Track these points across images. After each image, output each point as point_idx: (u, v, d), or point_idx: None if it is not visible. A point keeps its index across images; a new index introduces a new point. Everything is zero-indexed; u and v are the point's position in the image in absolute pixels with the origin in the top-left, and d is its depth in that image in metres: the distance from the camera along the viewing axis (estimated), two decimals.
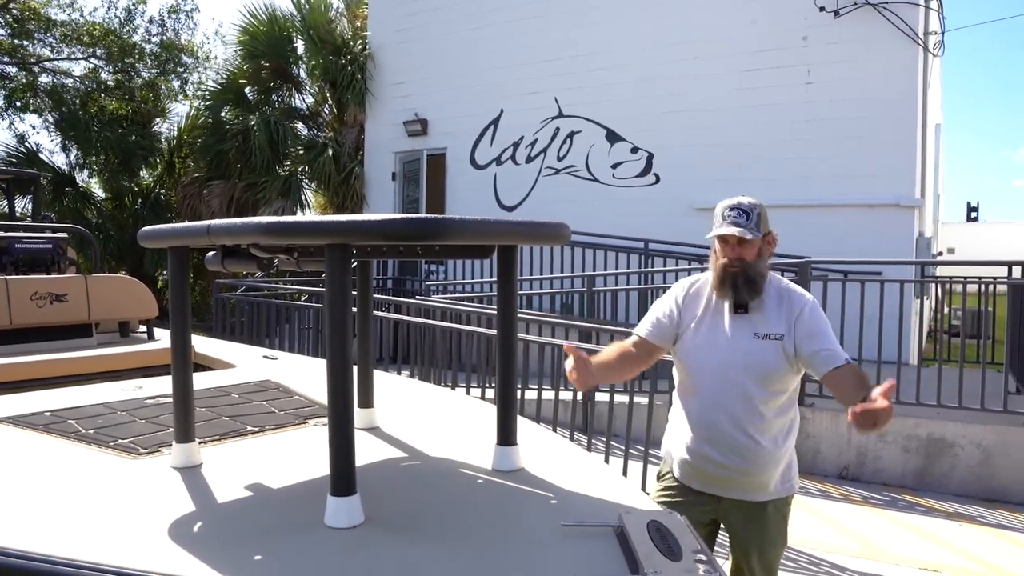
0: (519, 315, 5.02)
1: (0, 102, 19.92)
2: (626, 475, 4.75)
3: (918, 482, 5.74)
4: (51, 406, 2.18)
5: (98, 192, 19.23)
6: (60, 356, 3.10)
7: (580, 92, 11.10)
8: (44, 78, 20.29)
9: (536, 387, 5.31)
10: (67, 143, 18.30)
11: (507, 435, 1.74)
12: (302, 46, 14.64)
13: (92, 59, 20.25)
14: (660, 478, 2.74)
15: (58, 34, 19.92)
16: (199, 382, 2.38)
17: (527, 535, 1.42)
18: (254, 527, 1.42)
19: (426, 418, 2.32)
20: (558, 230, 1.71)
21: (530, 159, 11.61)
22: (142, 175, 18.99)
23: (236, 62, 15.55)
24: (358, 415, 1.99)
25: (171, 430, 1.76)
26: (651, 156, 10.53)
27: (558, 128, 11.37)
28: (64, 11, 20.15)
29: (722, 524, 2.69)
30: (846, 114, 9.18)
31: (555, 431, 4.69)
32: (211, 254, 1.76)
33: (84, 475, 1.68)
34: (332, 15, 14.59)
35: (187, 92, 20.82)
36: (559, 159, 11.37)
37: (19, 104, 19.92)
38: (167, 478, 1.65)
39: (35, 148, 17.92)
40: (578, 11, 11.09)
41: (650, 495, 2.48)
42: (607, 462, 4.98)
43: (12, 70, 19.92)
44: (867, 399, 2.12)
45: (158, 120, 19.70)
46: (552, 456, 1.92)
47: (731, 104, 9.89)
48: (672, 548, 1.28)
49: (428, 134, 12.65)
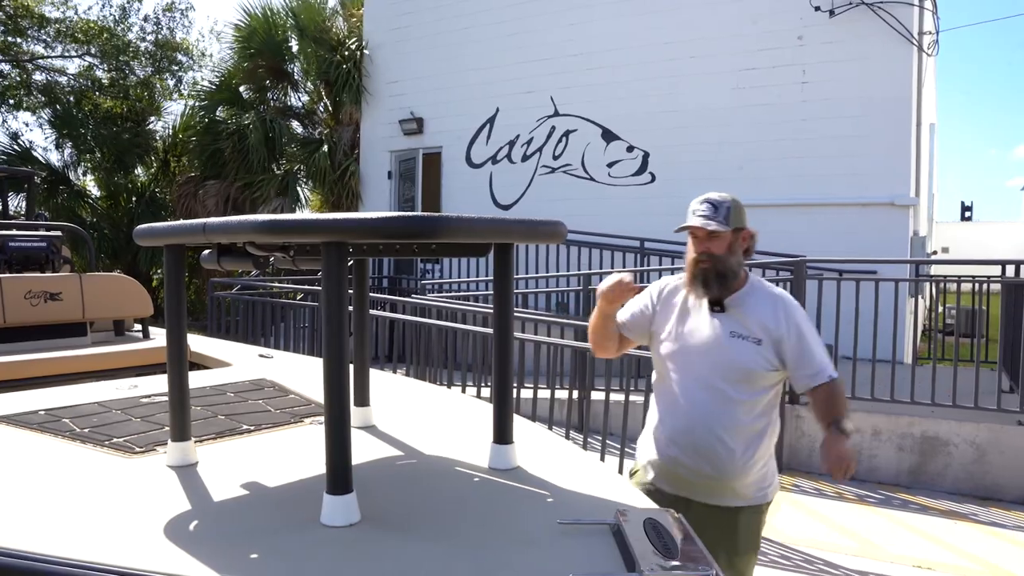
0: (515, 314, 5.03)
1: None
2: (622, 473, 4.75)
3: (912, 480, 5.76)
4: (46, 405, 2.17)
5: (93, 190, 19.19)
6: (55, 355, 3.09)
7: (576, 91, 11.10)
8: (38, 75, 20.22)
9: (532, 386, 5.31)
10: (61, 141, 18.24)
11: (503, 433, 1.74)
12: (297, 44, 14.61)
13: (86, 57, 20.19)
14: (631, 476, 2.69)
15: (52, 32, 19.84)
16: (194, 381, 2.38)
17: (523, 533, 1.42)
18: (250, 526, 1.41)
19: (422, 417, 2.32)
20: (555, 228, 1.71)
21: (526, 158, 11.61)
22: (137, 173, 18.94)
23: (231, 60, 15.50)
24: (354, 414, 1.99)
25: (166, 429, 1.75)
26: (647, 155, 10.54)
27: (554, 127, 11.37)
28: (58, 8, 20.10)
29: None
30: (841, 113, 9.20)
31: (551, 429, 4.70)
32: (207, 252, 1.76)
33: (79, 474, 1.67)
34: (328, 13, 14.56)
35: (182, 91, 20.79)
36: (555, 158, 11.37)
37: (12, 102, 19.84)
38: (163, 477, 1.65)
39: (29, 146, 17.87)
40: (574, 10, 11.08)
41: None
42: (603, 460, 4.99)
43: (5, 67, 19.85)
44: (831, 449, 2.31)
45: (153, 118, 19.66)
46: (548, 454, 1.92)
47: (726, 103, 9.90)
48: (668, 546, 1.28)
49: (424, 133, 12.64)
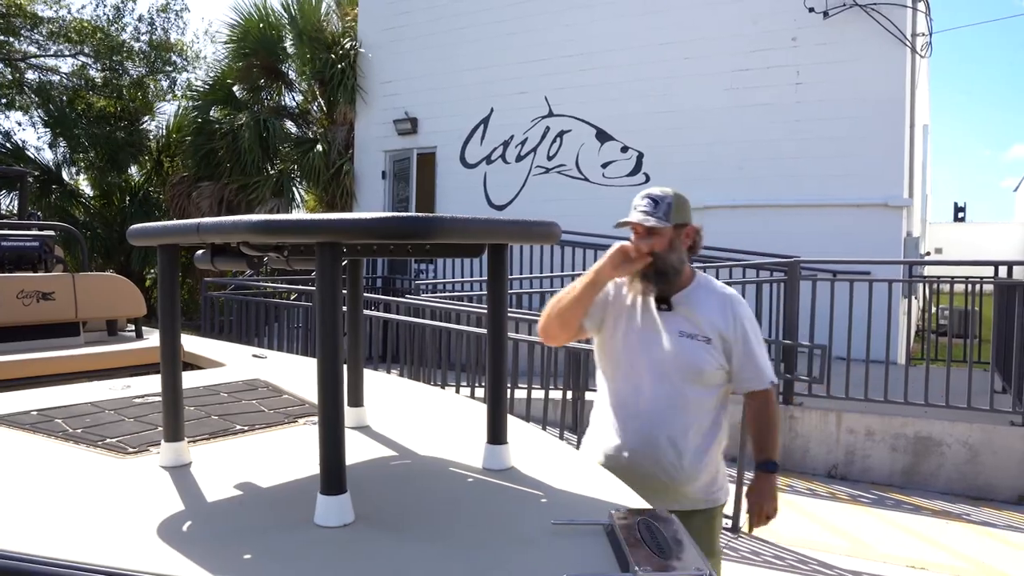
0: (509, 314, 5.03)
1: None
2: None
3: (905, 480, 5.77)
4: (38, 405, 2.16)
5: (86, 190, 19.13)
6: (47, 355, 3.08)
7: (570, 91, 11.11)
8: (30, 75, 20.15)
9: (526, 386, 5.31)
10: (54, 140, 18.18)
11: (497, 434, 1.74)
12: (292, 44, 14.59)
13: (80, 56, 20.12)
14: None
15: (45, 31, 19.77)
16: (188, 381, 2.37)
17: (517, 534, 1.42)
18: (244, 526, 1.41)
19: (416, 417, 2.32)
20: (549, 229, 1.71)
21: (520, 158, 11.62)
22: (130, 173, 18.90)
23: (225, 61, 15.49)
24: (348, 414, 1.99)
25: (160, 429, 1.75)
26: (641, 155, 10.55)
27: (548, 127, 11.38)
28: (51, 8, 20.03)
29: None
30: (835, 115, 9.22)
31: (545, 430, 4.70)
32: (200, 252, 1.75)
33: (72, 474, 1.67)
34: (322, 13, 14.54)
35: (176, 91, 20.74)
36: (549, 158, 11.38)
37: (4, 101, 19.77)
38: (156, 477, 1.64)
39: (21, 145, 17.80)
40: (568, 11, 11.10)
41: None
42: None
43: None
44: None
45: (146, 118, 19.62)
46: (542, 455, 1.92)
47: (721, 104, 9.92)
48: (662, 547, 1.28)
49: (418, 133, 12.63)
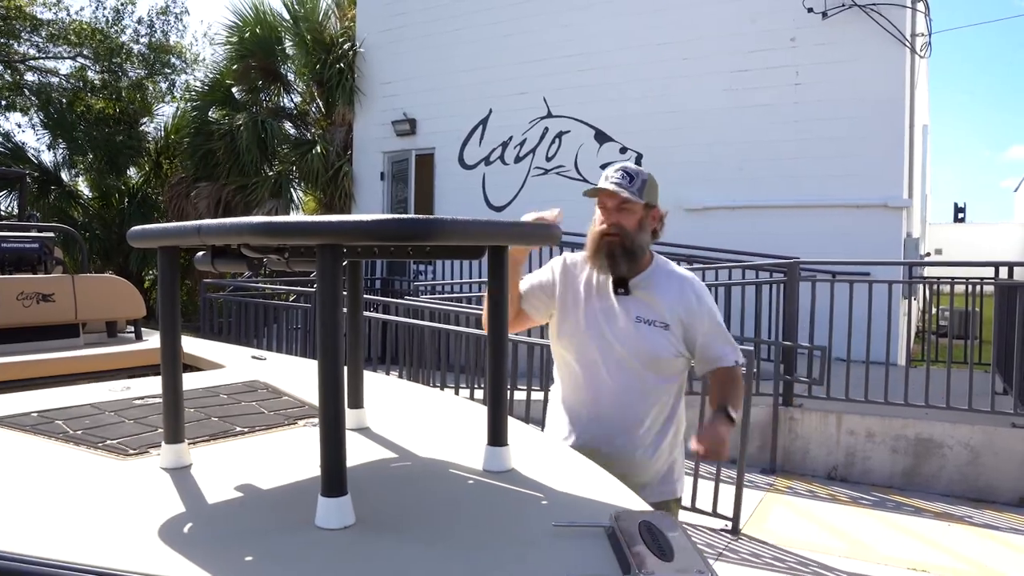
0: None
1: None
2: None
3: (906, 482, 5.77)
4: (38, 407, 2.16)
5: (84, 191, 19.12)
6: (47, 356, 3.07)
7: (569, 92, 11.12)
8: (30, 76, 20.14)
9: (525, 387, 5.30)
10: (53, 142, 18.18)
11: (498, 436, 1.74)
12: (290, 45, 14.59)
13: (79, 58, 20.12)
14: None
15: (44, 33, 19.77)
16: (187, 382, 2.36)
17: (518, 536, 1.41)
18: (244, 528, 1.41)
19: (416, 419, 2.32)
20: (549, 231, 1.71)
21: (519, 159, 11.62)
22: (129, 174, 18.89)
23: (224, 62, 15.48)
24: (348, 416, 1.98)
25: (160, 431, 1.75)
26: (640, 156, 10.55)
27: (547, 128, 11.38)
28: (50, 10, 20.03)
29: None
30: (834, 115, 9.23)
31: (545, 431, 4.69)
32: (200, 254, 1.75)
33: (72, 476, 1.66)
34: (321, 14, 14.54)
35: (175, 93, 20.74)
36: (548, 159, 11.38)
37: (4, 103, 19.76)
38: (156, 479, 1.64)
39: (20, 146, 17.80)
40: (568, 12, 11.10)
41: None
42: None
43: None
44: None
45: (145, 120, 19.60)
46: (543, 457, 1.92)
47: (719, 105, 9.92)
48: (664, 549, 1.27)
49: (416, 134, 12.64)
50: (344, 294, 1.76)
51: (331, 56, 13.60)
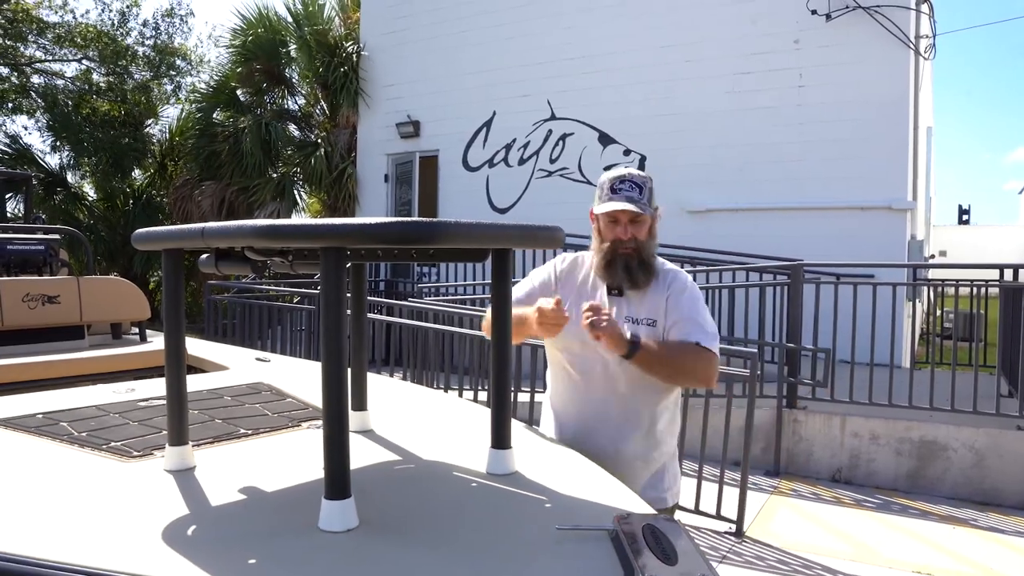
0: None
1: None
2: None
3: (911, 485, 5.76)
4: (43, 408, 2.17)
5: (90, 193, 19.16)
6: (52, 358, 3.08)
7: (572, 95, 11.12)
8: (36, 79, 20.20)
9: (529, 390, 5.30)
10: (59, 144, 18.22)
11: (501, 438, 1.74)
12: (294, 48, 14.62)
13: (84, 61, 20.18)
14: None
15: (50, 36, 19.83)
16: (191, 384, 2.37)
17: (521, 539, 1.41)
18: (248, 530, 1.41)
19: (420, 421, 2.32)
20: (553, 234, 1.71)
21: (523, 161, 11.62)
22: (134, 176, 18.93)
23: (228, 65, 15.52)
24: (352, 418, 1.98)
25: (164, 433, 1.75)
26: (643, 158, 10.55)
27: (550, 130, 11.38)
28: (57, 13, 20.10)
29: None
30: (838, 117, 9.22)
31: None
32: (205, 256, 1.76)
33: (77, 478, 1.67)
34: (325, 17, 14.57)
35: (180, 95, 20.78)
36: (552, 161, 11.38)
37: (11, 105, 19.83)
38: (160, 481, 1.64)
39: (26, 148, 17.85)
40: (571, 14, 11.10)
41: None
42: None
43: (4, 71, 19.83)
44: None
45: (150, 121, 19.64)
46: (546, 460, 1.92)
47: (723, 107, 9.91)
48: (667, 552, 1.27)
49: (420, 136, 12.64)
50: (348, 296, 1.77)
51: (335, 59, 13.61)
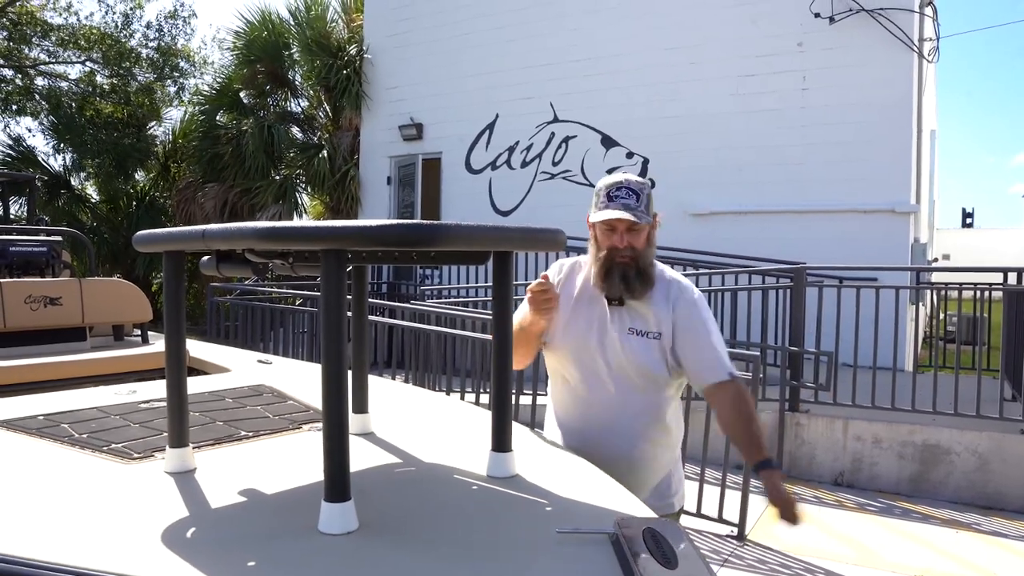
0: None
1: None
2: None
3: (913, 489, 5.74)
4: (44, 410, 2.17)
5: (93, 195, 19.19)
6: (54, 359, 3.09)
7: (575, 97, 11.11)
8: (40, 81, 20.26)
9: (531, 392, 5.30)
10: (62, 146, 18.26)
11: (502, 441, 1.73)
12: (298, 50, 14.63)
13: (88, 63, 20.23)
14: None
15: (55, 38, 19.88)
16: (193, 386, 2.37)
17: (521, 542, 1.41)
18: (247, 533, 1.41)
19: (421, 424, 2.32)
20: (554, 236, 1.71)
21: (525, 164, 11.62)
22: (137, 178, 18.95)
23: (232, 67, 15.55)
24: (352, 420, 1.98)
25: (165, 435, 1.75)
26: (646, 161, 10.55)
27: (553, 133, 11.38)
28: (61, 15, 20.15)
29: None
30: (841, 120, 9.21)
31: None
32: (206, 258, 1.76)
33: (77, 480, 1.67)
34: (328, 19, 14.59)
35: (183, 97, 20.82)
36: (554, 164, 11.38)
37: (15, 107, 19.88)
38: (160, 483, 1.64)
39: (30, 150, 17.89)
40: (574, 16, 11.11)
41: None
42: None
43: (8, 73, 19.89)
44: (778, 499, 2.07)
45: (153, 123, 19.67)
46: (547, 463, 1.91)
47: (726, 109, 9.91)
48: (668, 556, 1.27)
49: (423, 138, 12.65)
50: (349, 298, 1.77)
51: (338, 61, 13.62)
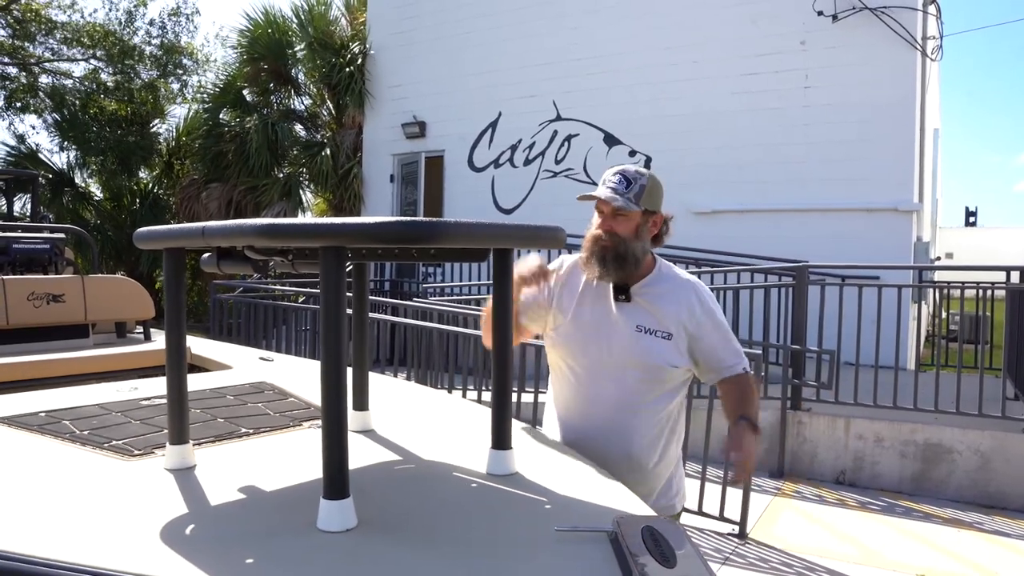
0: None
1: (0, 103, 19.93)
2: None
3: (915, 488, 5.73)
4: (47, 406, 2.17)
5: (97, 192, 19.22)
6: (56, 356, 3.09)
7: (578, 95, 11.11)
8: (44, 79, 20.29)
9: (532, 390, 5.30)
10: (66, 144, 18.30)
11: (502, 439, 1.73)
12: (301, 48, 14.64)
13: (92, 60, 20.25)
14: None
15: (59, 35, 19.91)
16: (194, 383, 2.38)
17: (520, 540, 1.41)
18: (246, 530, 1.41)
19: (421, 421, 2.32)
20: (553, 234, 1.70)
21: (528, 162, 11.62)
22: (141, 176, 18.98)
23: (235, 65, 15.57)
24: (353, 418, 1.99)
25: (165, 432, 1.75)
26: (649, 159, 10.54)
27: (556, 131, 11.38)
28: (65, 12, 20.17)
29: None
30: (844, 118, 9.19)
31: None
32: (206, 256, 1.76)
33: (77, 476, 1.67)
34: (331, 17, 14.59)
35: (186, 94, 20.84)
36: (557, 162, 11.38)
37: (19, 105, 19.90)
38: (160, 480, 1.64)
39: (35, 148, 17.93)
40: (576, 15, 11.10)
41: None
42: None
43: (12, 71, 19.92)
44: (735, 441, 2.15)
45: (157, 121, 19.70)
46: (547, 460, 1.91)
47: (729, 108, 9.90)
48: (666, 555, 1.27)
49: (426, 136, 12.65)
50: (349, 295, 1.77)
51: (341, 59, 13.63)
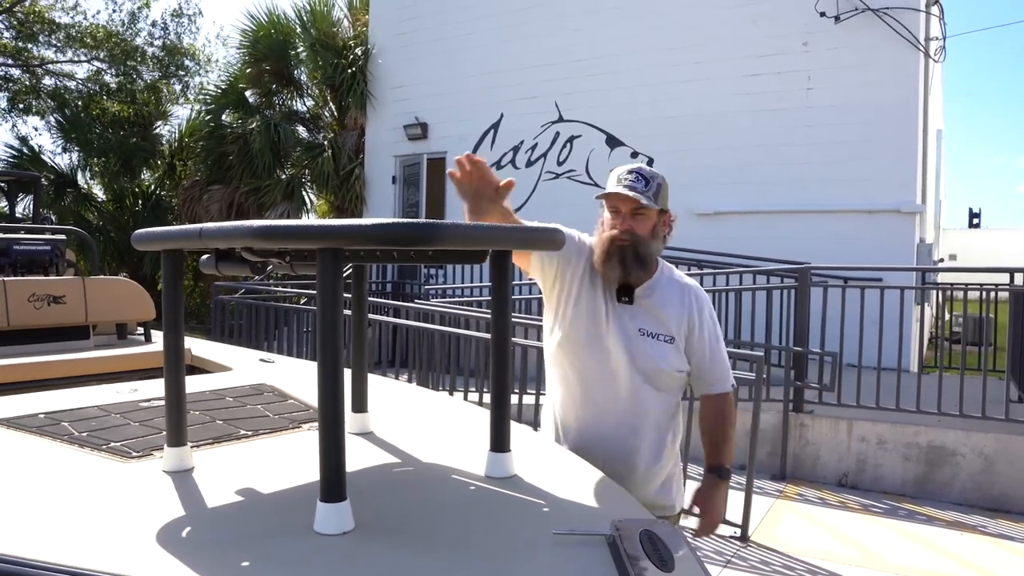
0: (516, 320, 5.00)
1: (3, 104, 19.99)
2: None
3: (918, 490, 5.72)
4: (46, 408, 2.17)
5: (99, 194, 19.26)
6: (57, 358, 3.09)
7: (580, 97, 11.11)
8: (47, 80, 20.34)
9: (533, 392, 5.29)
10: (69, 145, 18.33)
11: (500, 441, 1.72)
12: (303, 49, 14.66)
13: (95, 62, 20.30)
14: None
15: (62, 37, 19.95)
16: (194, 385, 2.37)
17: (518, 543, 1.40)
18: (243, 532, 1.40)
19: (420, 423, 2.31)
20: (552, 236, 1.69)
21: (530, 163, 11.62)
22: (143, 177, 19.02)
23: (237, 66, 15.59)
24: (351, 420, 1.98)
25: (164, 433, 1.75)
26: (651, 161, 10.52)
27: (558, 132, 11.38)
28: (67, 14, 20.22)
29: None
30: (847, 120, 9.18)
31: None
32: (205, 257, 1.75)
33: (74, 478, 1.66)
34: (333, 19, 14.60)
35: (188, 95, 20.88)
36: (559, 163, 11.38)
37: (22, 106, 19.95)
38: (158, 482, 1.64)
39: (37, 149, 17.96)
40: (578, 16, 11.10)
41: None
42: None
43: (15, 72, 19.96)
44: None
45: (159, 122, 19.75)
46: (546, 463, 1.91)
47: (731, 109, 9.89)
48: (664, 558, 1.27)
49: (428, 138, 12.66)
50: (348, 297, 1.76)
51: (343, 60, 13.65)
